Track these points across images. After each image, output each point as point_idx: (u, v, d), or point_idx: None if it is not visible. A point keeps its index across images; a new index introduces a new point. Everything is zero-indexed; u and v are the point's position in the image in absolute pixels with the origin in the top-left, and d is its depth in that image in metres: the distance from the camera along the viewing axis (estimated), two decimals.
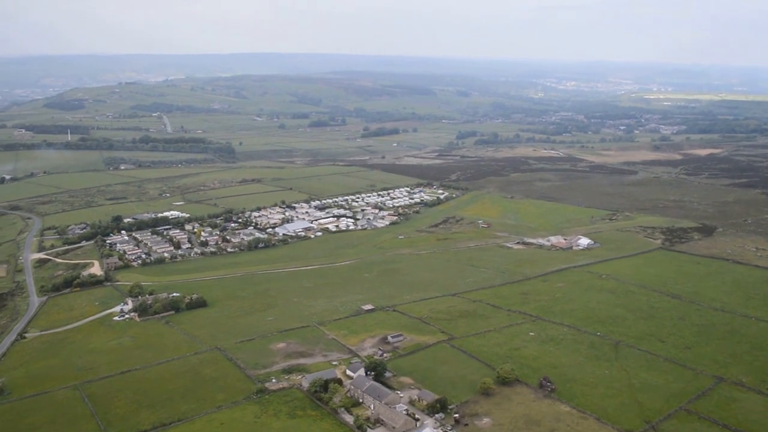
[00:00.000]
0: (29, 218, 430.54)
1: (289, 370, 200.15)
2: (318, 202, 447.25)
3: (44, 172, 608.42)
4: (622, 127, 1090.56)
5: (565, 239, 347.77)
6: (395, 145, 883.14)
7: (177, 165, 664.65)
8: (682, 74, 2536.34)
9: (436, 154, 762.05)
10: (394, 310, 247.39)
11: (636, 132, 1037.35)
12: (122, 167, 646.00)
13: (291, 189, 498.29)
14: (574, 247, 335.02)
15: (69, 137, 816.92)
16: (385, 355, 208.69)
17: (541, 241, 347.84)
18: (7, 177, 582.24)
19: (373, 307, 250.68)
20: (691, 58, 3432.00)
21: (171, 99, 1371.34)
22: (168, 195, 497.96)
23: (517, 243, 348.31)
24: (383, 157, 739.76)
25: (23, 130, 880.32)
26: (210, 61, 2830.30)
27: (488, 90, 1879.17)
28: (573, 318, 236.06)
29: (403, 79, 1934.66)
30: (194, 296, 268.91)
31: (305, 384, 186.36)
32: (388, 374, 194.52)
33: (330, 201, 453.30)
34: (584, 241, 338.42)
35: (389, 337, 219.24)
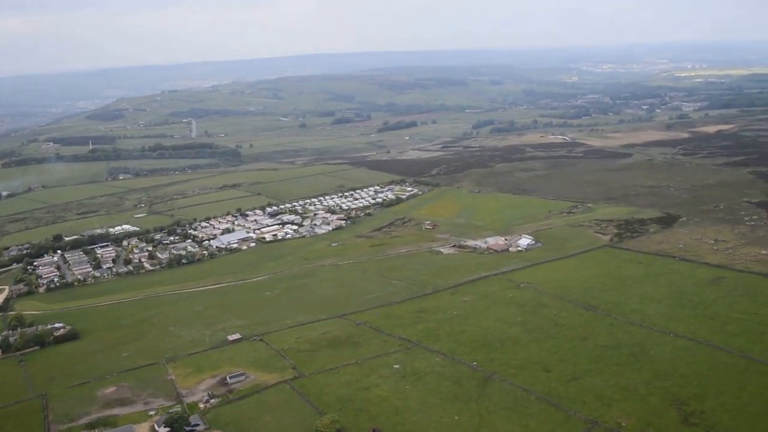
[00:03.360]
0: None
1: (93, 425, 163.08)
2: (274, 208, 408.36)
3: (42, 187, 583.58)
4: (644, 107, 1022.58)
5: (505, 240, 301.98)
6: (407, 138, 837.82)
7: (174, 172, 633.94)
8: (718, 51, 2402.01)
9: (442, 146, 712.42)
10: (261, 340, 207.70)
11: (658, 111, 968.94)
12: (120, 177, 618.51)
13: (259, 194, 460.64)
14: (511, 249, 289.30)
15: (90, 148, 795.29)
16: (212, 401, 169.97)
17: (478, 243, 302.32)
18: (4, 194, 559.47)
19: (240, 336, 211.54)
20: (729, 35, 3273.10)
21: (209, 104, 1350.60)
22: (142, 206, 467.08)
23: (452, 246, 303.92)
24: (388, 152, 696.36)
25: (51, 143, 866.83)
26: (262, 64, 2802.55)
27: (522, 77, 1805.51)
28: (456, 343, 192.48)
29: (439, 71, 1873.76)
30: (68, 328, 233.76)
31: None
32: (200, 427, 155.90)
33: (288, 206, 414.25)
34: (524, 242, 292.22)
35: (228, 378, 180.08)
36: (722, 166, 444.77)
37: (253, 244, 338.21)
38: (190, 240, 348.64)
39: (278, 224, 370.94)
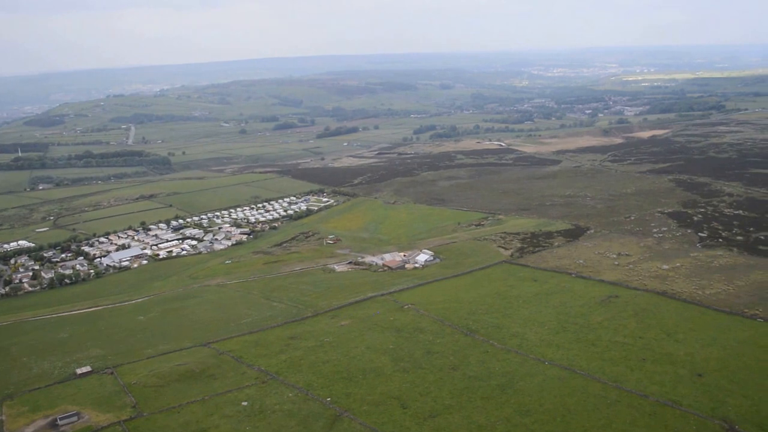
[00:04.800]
0: None
1: None
2: (180, 221, 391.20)
3: None
4: (587, 111, 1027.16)
5: (403, 255, 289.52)
6: (345, 144, 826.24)
7: (98, 182, 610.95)
8: (667, 55, 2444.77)
9: (378, 152, 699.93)
10: (112, 373, 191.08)
11: (600, 115, 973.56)
12: (40, 187, 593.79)
13: (171, 206, 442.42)
14: (407, 266, 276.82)
15: (15, 155, 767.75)
16: None
17: (374, 259, 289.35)
18: None
19: (90, 369, 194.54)
20: (680, 40, 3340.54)
21: (153, 109, 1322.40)
22: (50, 218, 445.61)
23: (348, 263, 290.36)
24: (323, 159, 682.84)
25: None
26: (216, 68, 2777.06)
27: (473, 81, 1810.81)
28: (316, 375, 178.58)
29: (391, 76, 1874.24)
30: None
31: None
32: None
33: (195, 219, 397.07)
34: (422, 258, 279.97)
35: (59, 419, 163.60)
36: (646, 173, 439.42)
37: (145, 262, 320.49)
38: (82, 257, 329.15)
39: (179, 239, 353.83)
